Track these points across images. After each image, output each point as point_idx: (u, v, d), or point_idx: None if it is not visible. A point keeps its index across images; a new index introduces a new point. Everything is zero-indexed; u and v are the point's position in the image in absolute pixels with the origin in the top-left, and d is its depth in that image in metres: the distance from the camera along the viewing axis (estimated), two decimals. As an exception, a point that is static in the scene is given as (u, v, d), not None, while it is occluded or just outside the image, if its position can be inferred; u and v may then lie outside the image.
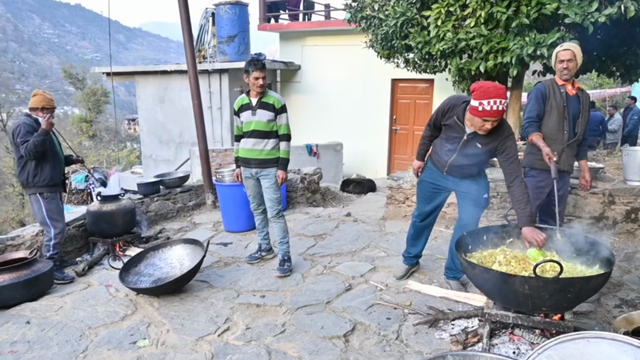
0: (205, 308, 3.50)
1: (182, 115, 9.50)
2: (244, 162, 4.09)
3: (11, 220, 27.24)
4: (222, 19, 8.92)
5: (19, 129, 4.05)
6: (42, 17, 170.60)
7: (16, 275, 3.78)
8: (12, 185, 29.78)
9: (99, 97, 35.16)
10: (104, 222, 4.80)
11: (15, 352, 3.04)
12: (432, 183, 3.51)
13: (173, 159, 9.74)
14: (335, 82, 10.06)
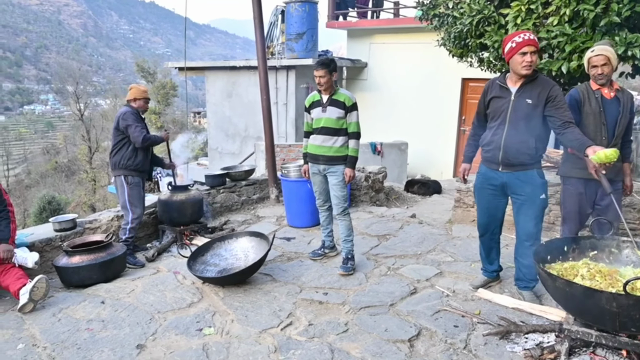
0: (269, 301, 3.57)
1: (248, 110, 9.76)
2: (312, 158, 4.14)
3: (83, 204, 29.33)
4: (292, 16, 9.06)
5: (125, 116, 4.44)
6: (119, 13, 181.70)
7: (93, 257, 4.05)
8: (85, 172, 32.05)
9: (167, 91, 36.85)
10: (173, 211, 5.02)
11: (91, 330, 3.25)
12: (487, 188, 3.36)
13: (238, 152, 10.03)
14: (402, 81, 9.92)
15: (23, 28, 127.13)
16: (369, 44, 10.29)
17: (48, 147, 56.27)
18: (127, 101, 4.64)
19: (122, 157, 4.52)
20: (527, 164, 3.16)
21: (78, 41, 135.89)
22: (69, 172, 38.90)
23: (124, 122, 4.46)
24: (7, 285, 3.60)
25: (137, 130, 4.44)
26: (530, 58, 2.96)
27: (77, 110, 36.16)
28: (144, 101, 4.63)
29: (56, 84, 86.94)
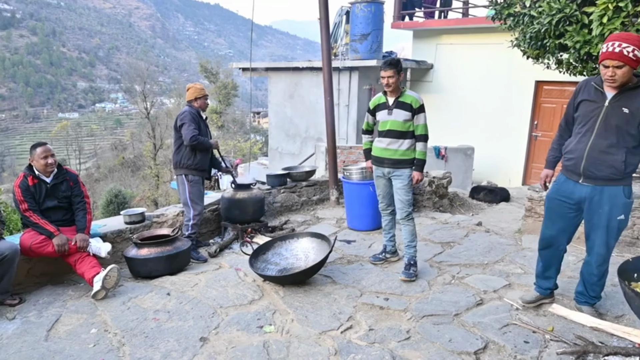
0: (329, 303, 3.59)
1: (310, 111, 9.88)
2: (377, 161, 4.12)
3: (146, 198, 30.87)
4: (357, 17, 9.08)
5: (183, 116, 4.62)
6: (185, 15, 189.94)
7: (160, 250, 4.26)
8: (149, 168, 33.70)
9: (229, 91, 37.97)
10: (236, 208, 5.17)
11: (157, 320, 3.42)
12: (563, 200, 3.10)
13: (298, 152, 10.18)
14: (470, 83, 9.66)
15: (97, 30, 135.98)
16: (436, 44, 10.11)
17: (116, 143, 59.82)
18: (188, 102, 4.81)
19: (183, 156, 4.70)
20: (612, 179, 2.89)
21: (146, 42, 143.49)
22: (134, 167, 41.06)
23: (181, 121, 4.64)
24: (82, 272, 3.86)
25: (189, 130, 4.57)
26: (613, 72, 2.71)
27: (144, 109, 38.07)
28: (204, 99, 4.79)
29: (125, 84, 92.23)
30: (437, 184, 6.38)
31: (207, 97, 4.82)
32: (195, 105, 4.75)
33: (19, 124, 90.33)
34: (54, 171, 4.01)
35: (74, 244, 3.86)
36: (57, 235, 3.82)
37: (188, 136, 4.55)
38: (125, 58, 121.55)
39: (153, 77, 55.32)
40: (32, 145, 4.08)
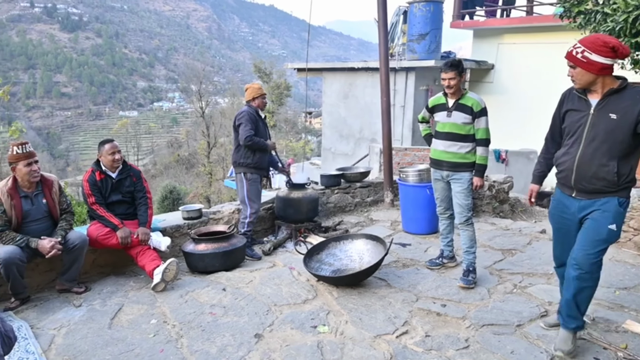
0: (383, 307, 3.56)
1: (364, 112, 9.85)
2: (435, 163, 4.05)
3: (200, 195, 31.89)
4: (415, 16, 8.97)
5: (240, 116, 4.74)
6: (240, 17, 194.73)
7: (217, 246, 4.38)
8: (203, 165, 34.79)
9: (281, 91, 38.52)
10: (290, 208, 5.23)
11: (214, 314, 3.52)
12: (561, 215, 2.89)
13: (351, 153, 10.18)
14: (534, 84, 9.27)
15: (157, 32, 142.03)
16: (497, 44, 9.80)
17: (172, 140, 62.26)
18: (247, 101, 4.91)
19: (242, 155, 4.81)
20: (605, 192, 2.66)
21: (203, 43, 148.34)
22: (188, 164, 42.51)
23: (238, 121, 4.75)
24: (143, 264, 4.04)
25: (245, 130, 4.67)
26: (569, 72, 2.67)
27: (199, 108, 39.30)
28: (262, 98, 4.87)
29: (182, 83, 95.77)
30: (497, 188, 6.19)
31: (265, 96, 4.91)
32: (254, 104, 4.84)
33: (83, 121, 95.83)
34: (119, 167, 4.22)
35: (136, 237, 4.04)
36: (120, 228, 4.01)
37: (243, 136, 4.66)
38: (182, 59, 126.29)
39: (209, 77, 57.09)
40: (100, 141, 4.31)
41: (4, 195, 3.60)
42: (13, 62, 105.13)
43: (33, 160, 3.67)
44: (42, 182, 3.84)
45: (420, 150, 7.48)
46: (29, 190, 3.75)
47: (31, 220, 3.74)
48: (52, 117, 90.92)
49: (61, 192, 3.99)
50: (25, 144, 3.71)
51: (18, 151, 3.65)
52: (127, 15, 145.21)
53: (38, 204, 3.79)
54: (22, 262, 3.56)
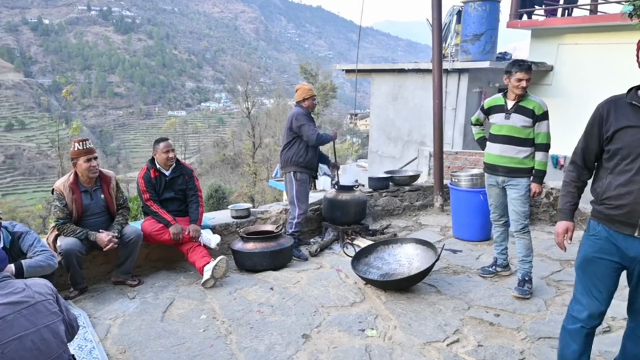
0: (433, 313, 3.52)
1: (413, 114, 9.76)
2: (489, 168, 3.96)
3: (244, 194, 32.49)
4: (470, 16, 8.80)
5: (298, 117, 4.79)
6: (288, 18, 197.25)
7: (265, 245, 4.46)
8: (248, 165, 35.43)
9: (327, 92, 38.63)
10: (337, 209, 5.25)
11: (262, 313, 3.58)
12: (606, 260, 2.29)
13: (399, 156, 10.10)
14: (597, 86, 8.84)
15: (205, 33, 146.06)
16: (557, 45, 9.45)
17: (218, 140, 63.79)
18: (297, 102, 4.97)
19: (294, 154, 4.87)
20: None
21: (250, 45, 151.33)
22: (233, 164, 43.39)
23: (297, 122, 4.78)
24: (193, 261, 4.17)
25: (311, 129, 4.75)
26: None
27: (245, 109, 40.02)
28: (312, 99, 4.92)
29: (229, 84, 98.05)
30: (555, 195, 5.97)
31: (315, 97, 4.96)
32: (304, 105, 4.89)
33: (134, 120, 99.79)
34: (173, 165, 4.38)
35: (187, 234, 4.18)
36: (173, 225, 4.16)
37: (313, 136, 4.73)
38: (229, 60, 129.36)
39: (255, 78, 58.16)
40: (155, 140, 4.49)
41: (66, 190, 3.82)
42: (70, 63, 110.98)
43: (92, 157, 3.86)
44: (101, 178, 4.04)
45: (471, 154, 7.32)
46: (89, 185, 3.95)
47: (90, 214, 3.94)
48: (105, 116, 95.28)
49: (118, 188, 4.18)
50: (85, 141, 3.91)
51: (79, 147, 3.86)
52: (178, 17, 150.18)
53: (97, 199, 3.98)
54: (81, 254, 3.76)
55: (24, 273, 3.08)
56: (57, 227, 3.83)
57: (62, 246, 3.67)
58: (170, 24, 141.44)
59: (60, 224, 3.80)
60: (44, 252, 3.27)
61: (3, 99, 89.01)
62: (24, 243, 3.28)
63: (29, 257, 3.21)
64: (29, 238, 3.30)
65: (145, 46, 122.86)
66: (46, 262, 3.22)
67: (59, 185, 3.85)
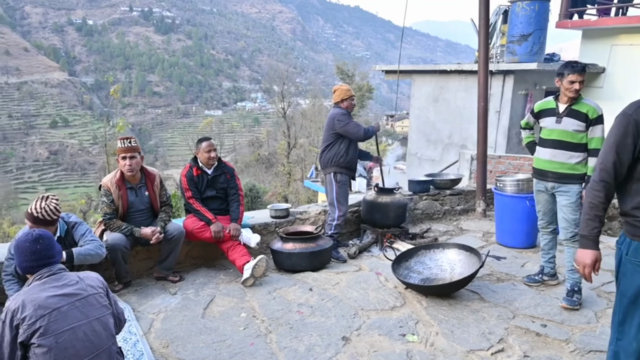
0: (477, 321, 3.46)
1: (455, 116, 9.62)
2: (539, 173, 3.87)
3: (278, 194, 32.77)
4: (517, 16, 8.58)
5: (340, 118, 4.79)
6: (325, 18, 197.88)
7: (304, 246, 4.49)
8: (282, 165, 35.71)
9: (363, 93, 38.55)
10: (377, 212, 5.23)
11: (301, 313, 3.61)
12: None
13: (438, 159, 9.98)
14: (655, 90, 8.54)
15: (243, 34, 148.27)
16: (610, 45, 9.11)
17: (253, 140, 64.65)
18: (335, 103, 4.97)
19: (335, 155, 4.87)
20: None
21: (287, 45, 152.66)
22: (268, 164, 43.83)
23: (340, 123, 4.78)
24: (233, 259, 4.25)
25: (356, 127, 4.77)
26: None
27: (281, 109, 40.35)
28: (350, 100, 4.90)
29: (265, 84, 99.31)
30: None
31: (353, 98, 4.94)
32: (343, 106, 4.89)
33: (172, 118, 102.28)
34: (214, 164, 4.47)
35: (227, 232, 4.26)
36: (214, 223, 4.25)
37: (360, 132, 4.77)
38: (266, 60, 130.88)
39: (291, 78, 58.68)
40: (198, 139, 4.60)
41: (113, 186, 3.97)
42: (112, 62, 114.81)
43: (129, 155, 3.95)
44: (146, 175, 4.16)
45: (515, 159, 7.16)
46: (134, 182, 4.08)
47: (135, 211, 4.08)
48: (144, 114, 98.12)
49: (162, 185, 4.30)
50: (126, 139, 4.02)
51: (119, 145, 4.02)
52: (216, 18, 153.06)
53: (141, 196, 4.12)
54: (126, 249, 3.90)
55: (74, 260, 3.23)
56: (104, 222, 3.98)
57: (108, 241, 3.81)
58: (208, 24, 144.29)
59: (107, 219, 3.95)
60: (93, 242, 3.42)
61: (49, 97, 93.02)
62: (77, 233, 3.47)
63: (80, 246, 3.36)
64: (82, 228, 3.49)
65: (184, 46, 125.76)
66: (95, 251, 3.37)
67: (106, 182, 4.01)
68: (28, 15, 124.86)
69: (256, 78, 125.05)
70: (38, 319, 2.07)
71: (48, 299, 2.13)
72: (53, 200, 3.26)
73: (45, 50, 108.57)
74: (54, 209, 3.20)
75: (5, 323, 2.09)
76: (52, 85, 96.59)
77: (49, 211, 3.17)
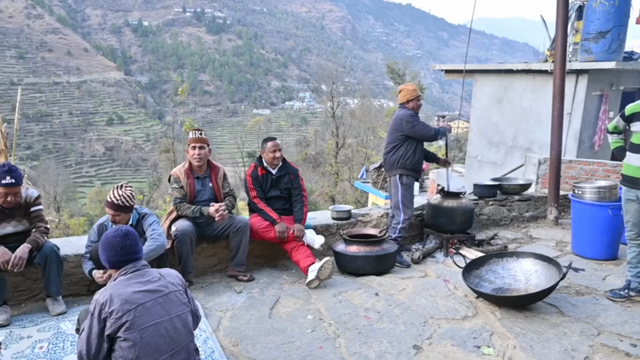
0: (557, 336, 3.29)
1: (520, 118, 9.27)
2: (629, 181, 3.64)
3: (325, 194, 32.82)
4: (594, 12, 8.13)
5: (408, 119, 4.70)
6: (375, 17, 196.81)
7: (369, 249, 4.43)
8: (330, 165, 35.74)
9: (415, 93, 37.73)
10: (442, 216, 5.10)
11: (368, 318, 3.56)
12: None
13: (501, 162, 9.64)
14: None
15: (292, 33, 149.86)
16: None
17: (300, 139, 65.12)
18: (401, 104, 4.87)
19: (401, 157, 4.77)
20: None
21: (336, 44, 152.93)
22: (315, 163, 44.00)
23: (409, 124, 4.68)
24: (297, 260, 4.25)
25: (426, 127, 4.69)
26: None
27: (330, 108, 40.37)
28: (417, 100, 4.79)
29: (313, 83, 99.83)
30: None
31: (420, 98, 4.83)
32: (409, 106, 4.79)
33: (221, 117, 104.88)
34: (279, 164, 4.51)
35: (291, 233, 4.27)
36: (278, 223, 4.27)
37: (430, 132, 4.69)
38: (315, 59, 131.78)
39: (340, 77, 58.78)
40: (264, 139, 4.65)
41: (182, 174, 4.22)
42: (165, 62, 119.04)
43: (198, 145, 4.21)
44: (211, 167, 4.38)
45: (588, 164, 6.80)
46: (200, 173, 4.29)
47: (200, 200, 4.25)
48: (195, 113, 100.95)
49: (225, 178, 4.46)
50: (197, 130, 4.30)
51: (191, 135, 4.28)
52: (266, 18, 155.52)
53: (206, 186, 4.31)
54: (194, 238, 4.05)
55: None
56: (174, 205, 4.19)
57: (177, 228, 3.98)
58: (258, 24, 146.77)
59: (178, 202, 4.17)
60: (152, 234, 3.55)
61: (106, 95, 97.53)
62: (146, 223, 3.66)
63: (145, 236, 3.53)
64: (150, 219, 3.68)
65: (235, 46, 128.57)
66: (154, 244, 3.48)
67: (175, 171, 4.27)
68: (88, 17, 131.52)
69: (304, 77, 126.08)
70: (124, 313, 2.13)
71: (134, 294, 2.18)
72: (128, 188, 3.54)
73: (104, 51, 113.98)
74: (130, 195, 3.49)
75: (94, 316, 2.16)
76: (109, 84, 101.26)
77: (126, 197, 3.45)
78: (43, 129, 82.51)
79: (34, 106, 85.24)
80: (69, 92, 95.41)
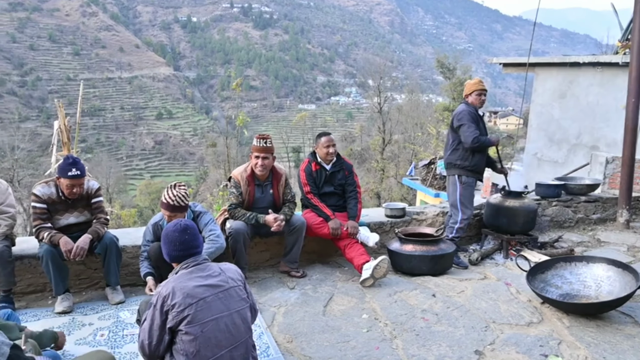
0: (634, 348, 3.10)
1: (585, 114, 8.85)
2: None
3: (370, 191, 32.59)
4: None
5: (460, 115, 4.54)
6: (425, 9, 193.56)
7: (426, 248, 4.33)
8: (376, 161, 35.46)
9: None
10: (503, 217, 4.92)
11: (426, 320, 3.48)
12: None
13: (562, 161, 9.25)
14: None
15: (339, 27, 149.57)
16: None
17: (346, 135, 65.00)
18: (463, 99, 4.72)
19: (458, 157, 4.62)
20: None
21: (384, 38, 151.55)
22: (360, 159, 43.85)
23: (458, 122, 4.52)
24: (351, 257, 4.20)
25: (469, 130, 4.44)
26: None
27: (377, 104, 39.99)
28: (477, 94, 4.58)
29: (360, 78, 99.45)
30: None
31: (480, 92, 4.61)
32: (469, 101, 4.63)
33: (266, 112, 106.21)
34: (333, 160, 4.46)
35: (345, 230, 4.22)
36: (332, 219, 4.24)
37: (470, 138, 4.44)
38: (362, 54, 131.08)
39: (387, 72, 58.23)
40: (317, 134, 4.62)
41: (243, 180, 4.16)
42: (213, 57, 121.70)
43: (262, 155, 4.08)
44: (273, 174, 4.28)
45: (662, 164, 6.40)
46: (262, 179, 4.22)
47: (258, 207, 4.20)
48: (241, 108, 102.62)
49: (287, 184, 4.39)
50: (262, 138, 4.13)
51: (255, 144, 4.15)
52: (313, 12, 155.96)
53: (266, 193, 4.25)
54: (248, 236, 4.05)
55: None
56: (229, 211, 4.16)
57: (232, 226, 3.99)
58: (305, 18, 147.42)
59: (233, 208, 4.13)
60: (211, 235, 3.59)
61: (155, 90, 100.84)
62: (201, 221, 3.68)
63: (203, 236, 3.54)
64: (206, 217, 3.71)
65: (281, 41, 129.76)
66: (213, 247, 3.55)
67: (236, 175, 4.19)
68: (140, 14, 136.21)
69: (351, 72, 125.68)
70: (186, 307, 2.14)
71: (195, 289, 2.20)
72: (182, 188, 3.53)
73: (154, 47, 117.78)
74: (184, 194, 3.48)
75: (156, 308, 2.19)
76: (159, 80, 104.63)
77: (181, 197, 3.45)
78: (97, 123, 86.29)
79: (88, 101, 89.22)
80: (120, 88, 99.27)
